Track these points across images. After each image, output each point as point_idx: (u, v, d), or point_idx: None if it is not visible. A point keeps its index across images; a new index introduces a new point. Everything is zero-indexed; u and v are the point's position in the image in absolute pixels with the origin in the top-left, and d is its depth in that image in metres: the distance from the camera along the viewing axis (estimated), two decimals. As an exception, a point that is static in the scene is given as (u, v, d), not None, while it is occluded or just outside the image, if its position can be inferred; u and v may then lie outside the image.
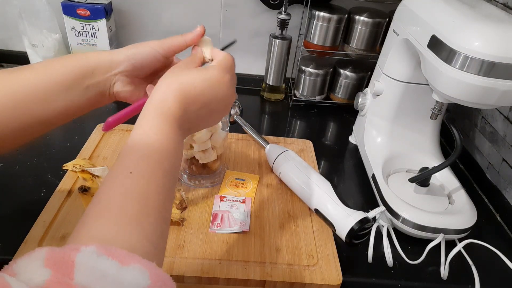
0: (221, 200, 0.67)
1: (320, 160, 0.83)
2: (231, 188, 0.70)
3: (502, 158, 0.76)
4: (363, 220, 0.60)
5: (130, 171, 0.35)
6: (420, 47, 0.62)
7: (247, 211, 0.65)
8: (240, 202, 0.67)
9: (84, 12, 0.91)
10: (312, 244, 0.62)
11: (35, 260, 0.27)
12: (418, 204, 0.67)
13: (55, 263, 0.27)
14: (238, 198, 0.67)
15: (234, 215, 0.64)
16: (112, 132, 0.81)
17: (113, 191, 0.34)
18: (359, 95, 0.83)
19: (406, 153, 0.78)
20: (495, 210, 0.77)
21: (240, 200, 0.67)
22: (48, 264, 0.27)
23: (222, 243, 0.60)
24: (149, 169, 0.36)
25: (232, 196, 0.68)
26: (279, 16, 0.93)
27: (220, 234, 0.61)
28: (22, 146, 0.49)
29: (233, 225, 0.62)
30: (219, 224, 0.62)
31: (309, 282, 0.56)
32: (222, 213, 0.64)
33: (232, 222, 0.63)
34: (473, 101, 0.56)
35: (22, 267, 0.27)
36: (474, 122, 0.87)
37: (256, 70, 1.07)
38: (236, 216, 0.64)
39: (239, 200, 0.67)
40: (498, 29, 0.53)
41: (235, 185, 0.71)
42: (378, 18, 0.91)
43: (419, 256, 0.60)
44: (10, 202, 0.64)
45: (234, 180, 0.72)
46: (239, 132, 0.85)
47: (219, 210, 0.65)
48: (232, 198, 0.67)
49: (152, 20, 1.01)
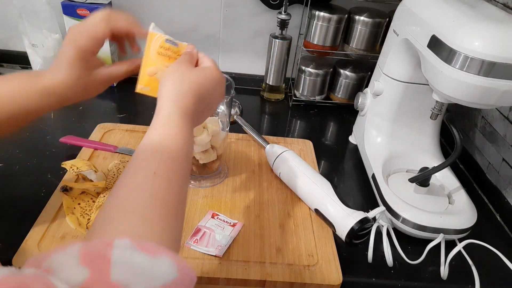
0: (212, 217, 0.64)
1: (320, 160, 0.83)
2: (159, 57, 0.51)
3: (502, 158, 0.76)
4: (363, 220, 0.60)
5: (154, 172, 0.36)
6: (420, 47, 0.62)
7: (231, 236, 0.61)
8: (230, 225, 0.63)
9: (84, 12, 0.91)
10: (312, 244, 0.62)
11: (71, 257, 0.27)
12: (418, 204, 0.67)
13: (91, 260, 0.27)
14: (230, 221, 0.63)
15: (216, 235, 0.60)
16: (112, 132, 0.81)
17: (138, 190, 0.35)
18: (359, 95, 0.83)
19: (406, 153, 0.78)
20: (495, 210, 0.77)
21: (230, 223, 0.63)
22: (84, 261, 0.27)
23: (222, 243, 0.60)
24: (172, 170, 0.38)
25: (225, 216, 0.64)
26: (279, 16, 0.93)
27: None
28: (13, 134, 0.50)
29: (210, 246, 0.58)
30: (197, 240, 0.59)
31: (309, 282, 0.56)
32: (205, 230, 0.61)
33: (211, 243, 0.59)
34: (473, 101, 0.56)
35: (58, 264, 0.27)
36: (474, 122, 0.87)
37: (256, 70, 1.07)
38: (217, 237, 0.60)
39: (229, 223, 0.63)
40: (498, 29, 0.53)
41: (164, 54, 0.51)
42: (378, 18, 0.91)
43: (419, 256, 0.60)
44: (10, 202, 0.64)
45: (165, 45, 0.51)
46: (239, 132, 0.85)
47: (204, 226, 0.61)
48: (224, 218, 0.64)
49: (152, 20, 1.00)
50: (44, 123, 0.84)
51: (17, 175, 0.70)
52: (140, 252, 0.29)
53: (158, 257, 0.30)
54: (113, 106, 0.96)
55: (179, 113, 0.41)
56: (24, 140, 0.78)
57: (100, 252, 0.28)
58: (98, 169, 0.69)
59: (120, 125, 0.83)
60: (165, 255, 0.30)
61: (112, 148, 0.75)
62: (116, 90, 1.00)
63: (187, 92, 0.43)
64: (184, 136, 0.40)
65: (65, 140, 0.76)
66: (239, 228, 0.63)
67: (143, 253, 0.29)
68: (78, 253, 0.28)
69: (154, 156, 0.38)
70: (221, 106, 0.65)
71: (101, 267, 0.27)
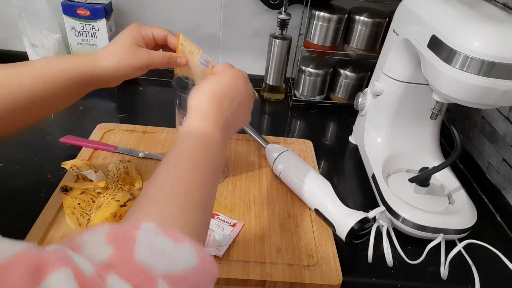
0: (211, 217, 0.62)
1: (320, 160, 0.83)
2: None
3: (502, 158, 0.76)
4: (363, 220, 0.60)
5: (175, 166, 0.40)
6: (420, 47, 0.62)
7: (231, 236, 0.60)
8: (230, 225, 0.62)
9: (84, 12, 0.91)
10: (312, 244, 0.62)
11: (98, 236, 0.29)
12: (418, 204, 0.67)
13: (117, 239, 0.29)
14: (230, 221, 0.63)
15: (216, 236, 0.60)
16: (112, 132, 0.81)
17: (161, 182, 0.38)
18: (359, 95, 0.83)
19: (406, 153, 0.78)
20: (495, 210, 0.77)
21: (230, 223, 0.63)
22: (110, 240, 0.28)
23: (222, 243, 0.60)
24: (190, 164, 0.40)
25: (225, 216, 0.64)
26: (279, 16, 0.93)
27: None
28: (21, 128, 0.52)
29: (210, 246, 0.58)
30: None
31: (309, 282, 0.56)
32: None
33: (210, 243, 0.58)
34: (473, 101, 0.56)
35: (87, 242, 0.28)
36: (474, 122, 0.87)
37: (256, 70, 1.07)
38: (217, 237, 0.59)
39: (229, 223, 0.63)
40: (498, 29, 0.53)
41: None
42: (378, 18, 0.91)
43: (419, 256, 0.60)
44: (10, 202, 0.64)
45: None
46: (239, 132, 0.85)
47: None
48: (224, 218, 0.63)
49: (152, 20, 1.01)
50: (44, 123, 0.84)
51: (17, 175, 0.70)
52: (165, 236, 0.30)
53: (181, 243, 0.31)
54: (113, 106, 0.96)
55: (196, 116, 0.45)
56: (24, 140, 0.78)
57: (126, 233, 0.29)
58: (98, 169, 0.69)
59: (120, 125, 0.83)
60: (188, 243, 0.31)
61: (112, 148, 0.75)
62: (116, 90, 1.00)
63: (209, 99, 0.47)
64: (204, 134, 0.44)
65: (65, 140, 0.76)
66: (239, 228, 0.62)
67: (167, 238, 0.30)
68: (106, 233, 0.29)
69: (174, 151, 0.41)
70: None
71: (126, 246, 0.28)
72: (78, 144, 0.76)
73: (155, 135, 0.82)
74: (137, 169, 0.71)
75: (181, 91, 0.63)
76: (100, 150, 0.75)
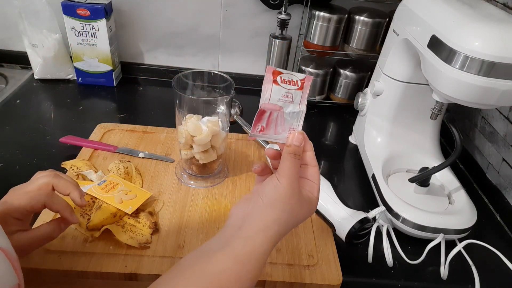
0: (274, 82, 0.41)
1: (320, 160, 0.83)
2: None
3: (502, 158, 0.76)
4: (363, 220, 0.60)
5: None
6: (420, 47, 0.62)
7: (302, 111, 0.43)
8: (297, 88, 0.42)
9: (84, 12, 0.91)
10: (312, 244, 0.62)
11: None
12: (418, 204, 0.67)
13: None
14: (297, 78, 0.42)
15: (285, 114, 0.43)
16: (112, 132, 0.81)
17: None
18: (359, 95, 0.83)
19: (406, 153, 0.78)
20: (495, 210, 0.77)
21: (298, 85, 0.42)
22: None
23: (222, 243, 0.60)
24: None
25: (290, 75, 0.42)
26: (279, 16, 0.93)
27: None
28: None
29: (280, 131, 0.43)
30: (264, 127, 0.43)
31: (309, 282, 0.56)
32: (272, 110, 0.42)
33: (280, 127, 0.43)
34: (473, 101, 0.56)
35: None
36: (474, 122, 0.87)
37: (256, 70, 1.07)
38: (287, 116, 0.43)
39: (297, 85, 0.42)
40: (498, 29, 0.53)
41: None
42: (378, 18, 0.91)
43: (419, 256, 0.60)
44: (10, 202, 0.64)
45: None
46: (239, 132, 0.85)
47: (269, 104, 0.42)
48: (289, 78, 0.42)
49: (152, 20, 1.01)
50: (44, 123, 0.84)
51: (17, 175, 0.69)
52: None
53: None
54: (113, 106, 0.96)
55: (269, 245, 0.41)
56: (24, 140, 0.78)
57: None
58: (98, 169, 0.69)
59: (120, 125, 0.83)
60: None
61: (112, 148, 0.75)
62: (116, 90, 1.00)
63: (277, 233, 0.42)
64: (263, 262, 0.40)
65: (65, 140, 0.76)
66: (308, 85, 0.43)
67: None
68: None
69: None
70: (221, 106, 0.65)
71: None
72: (78, 144, 0.76)
73: (155, 135, 0.82)
74: (137, 169, 0.71)
75: (181, 91, 0.63)
76: (100, 150, 0.75)
